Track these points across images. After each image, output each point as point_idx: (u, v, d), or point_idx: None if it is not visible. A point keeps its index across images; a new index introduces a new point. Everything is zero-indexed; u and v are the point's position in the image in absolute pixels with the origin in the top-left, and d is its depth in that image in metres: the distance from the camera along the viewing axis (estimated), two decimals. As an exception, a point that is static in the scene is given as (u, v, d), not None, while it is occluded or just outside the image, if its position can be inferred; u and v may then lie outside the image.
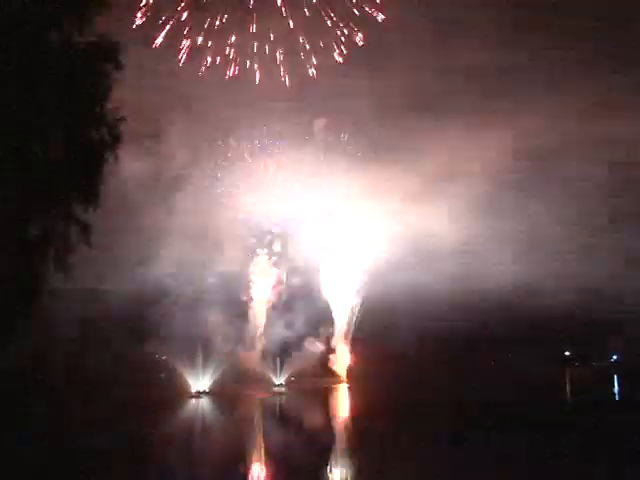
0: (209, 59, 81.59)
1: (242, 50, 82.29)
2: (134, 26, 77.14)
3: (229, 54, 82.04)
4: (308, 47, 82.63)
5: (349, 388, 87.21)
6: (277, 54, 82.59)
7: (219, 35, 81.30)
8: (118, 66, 16.82)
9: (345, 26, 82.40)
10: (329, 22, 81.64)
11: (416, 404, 63.69)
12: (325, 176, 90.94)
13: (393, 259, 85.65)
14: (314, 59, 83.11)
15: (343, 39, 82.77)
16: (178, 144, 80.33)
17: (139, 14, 77.24)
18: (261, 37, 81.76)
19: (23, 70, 15.73)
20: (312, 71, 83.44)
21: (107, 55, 16.65)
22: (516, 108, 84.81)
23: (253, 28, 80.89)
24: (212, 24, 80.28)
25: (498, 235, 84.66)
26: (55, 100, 15.67)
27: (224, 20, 79.98)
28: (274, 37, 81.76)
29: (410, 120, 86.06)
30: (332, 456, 37.12)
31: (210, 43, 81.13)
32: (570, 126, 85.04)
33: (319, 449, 39.01)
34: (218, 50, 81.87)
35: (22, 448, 35.69)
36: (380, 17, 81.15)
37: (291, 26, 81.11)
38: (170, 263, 77.06)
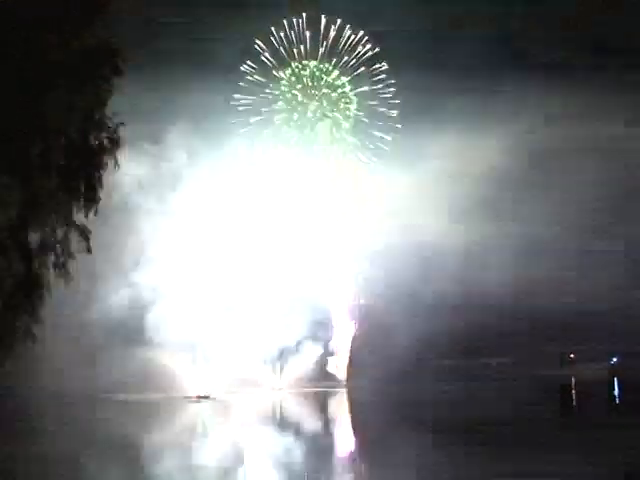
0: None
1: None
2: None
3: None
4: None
5: (349, 392, 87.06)
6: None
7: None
8: (117, 71, 16.78)
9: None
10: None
11: (415, 408, 63.70)
12: (326, 177, 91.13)
13: (392, 260, 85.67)
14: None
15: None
16: (177, 147, 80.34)
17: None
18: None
19: (21, 74, 15.75)
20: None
21: (106, 60, 16.63)
22: (517, 109, 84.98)
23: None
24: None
25: (498, 236, 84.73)
26: (54, 105, 15.69)
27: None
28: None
29: (410, 121, 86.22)
30: (332, 460, 37.05)
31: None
32: (571, 126, 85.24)
33: (319, 452, 38.95)
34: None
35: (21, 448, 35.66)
36: None
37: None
38: (169, 265, 76.97)
